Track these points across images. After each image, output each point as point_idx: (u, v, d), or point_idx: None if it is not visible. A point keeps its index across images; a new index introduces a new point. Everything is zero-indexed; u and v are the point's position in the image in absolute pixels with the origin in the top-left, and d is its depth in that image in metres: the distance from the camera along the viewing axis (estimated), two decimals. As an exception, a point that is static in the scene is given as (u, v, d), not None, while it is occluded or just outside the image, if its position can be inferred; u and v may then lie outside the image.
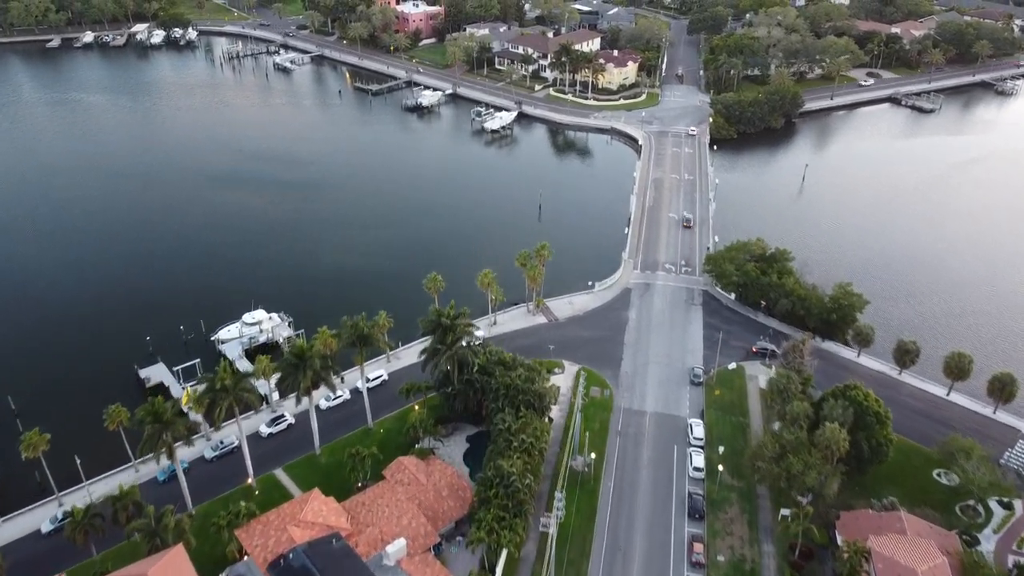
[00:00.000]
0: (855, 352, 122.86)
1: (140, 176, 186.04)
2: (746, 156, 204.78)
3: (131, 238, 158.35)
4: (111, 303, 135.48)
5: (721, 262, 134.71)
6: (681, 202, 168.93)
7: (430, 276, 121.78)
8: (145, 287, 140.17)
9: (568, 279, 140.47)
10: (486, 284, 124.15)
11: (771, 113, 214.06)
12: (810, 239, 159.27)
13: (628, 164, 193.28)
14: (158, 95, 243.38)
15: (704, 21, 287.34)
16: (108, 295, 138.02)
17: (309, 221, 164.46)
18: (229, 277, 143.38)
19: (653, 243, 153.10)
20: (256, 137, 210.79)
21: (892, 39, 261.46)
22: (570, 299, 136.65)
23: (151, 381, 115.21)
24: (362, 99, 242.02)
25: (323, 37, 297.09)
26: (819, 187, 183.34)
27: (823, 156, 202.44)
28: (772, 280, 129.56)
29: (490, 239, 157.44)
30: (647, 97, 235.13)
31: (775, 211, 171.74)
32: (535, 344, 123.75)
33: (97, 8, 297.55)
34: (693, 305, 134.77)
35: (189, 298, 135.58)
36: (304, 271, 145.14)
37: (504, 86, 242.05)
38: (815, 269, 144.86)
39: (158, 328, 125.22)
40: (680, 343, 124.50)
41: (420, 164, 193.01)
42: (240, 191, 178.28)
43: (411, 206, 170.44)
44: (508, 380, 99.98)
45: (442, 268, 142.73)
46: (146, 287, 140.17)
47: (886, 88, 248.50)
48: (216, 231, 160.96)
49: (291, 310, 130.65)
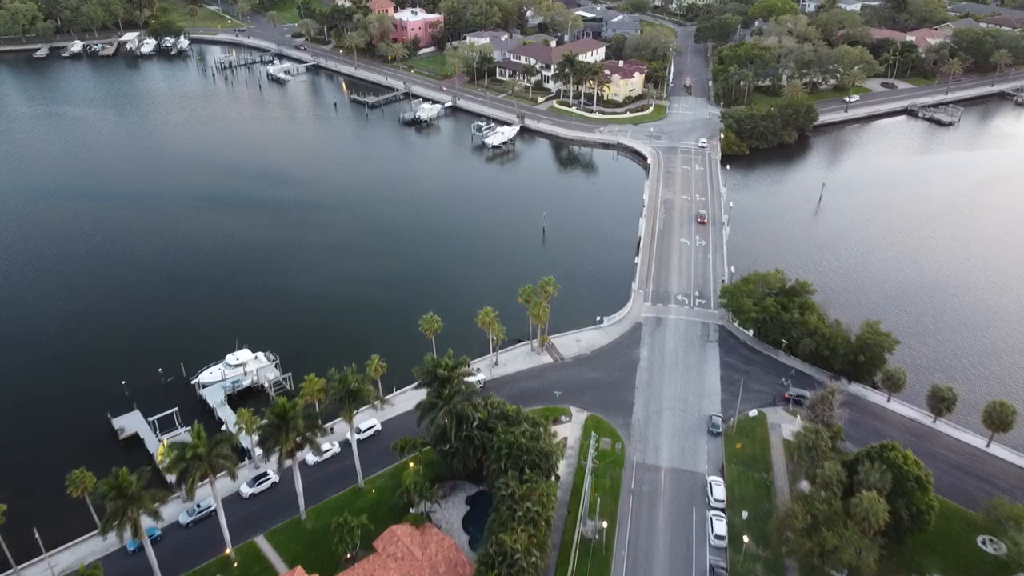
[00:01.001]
0: (885, 396, 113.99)
1: (120, 198, 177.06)
2: (759, 174, 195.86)
3: (107, 268, 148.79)
4: (83, 341, 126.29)
5: (738, 296, 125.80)
6: (693, 226, 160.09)
7: (426, 317, 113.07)
8: (121, 323, 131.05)
9: (575, 311, 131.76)
10: (487, 323, 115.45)
11: (784, 128, 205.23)
12: (830, 267, 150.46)
13: (636, 183, 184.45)
14: (146, 108, 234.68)
15: (712, 29, 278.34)
16: (80, 332, 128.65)
17: (299, 248, 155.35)
18: (213, 312, 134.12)
19: (664, 272, 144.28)
20: (246, 154, 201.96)
21: (907, 48, 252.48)
22: (577, 335, 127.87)
23: (125, 432, 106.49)
24: (358, 112, 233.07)
25: (319, 46, 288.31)
26: (837, 208, 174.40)
27: (840, 174, 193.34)
28: (793, 317, 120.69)
29: (491, 267, 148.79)
30: (654, 110, 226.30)
31: (791, 235, 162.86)
32: (540, 387, 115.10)
33: (86, 16, 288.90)
34: (709, 342, 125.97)
35: (169, 336, 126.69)
36: (293, 304, 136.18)
37: (506, 98, 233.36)
38: (837, 301, 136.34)
39: (134, 370, 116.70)
40: (696, 386, 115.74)
41: (418, 183, 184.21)
42: (227, 214, 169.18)
43: (408, 230, 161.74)
44: (511, 438, 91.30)
45: (440, 299, 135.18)
46: (122, 323, 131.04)
47: (902, 99, 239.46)
48: (199, 259, 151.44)
49: (279, 348, 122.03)
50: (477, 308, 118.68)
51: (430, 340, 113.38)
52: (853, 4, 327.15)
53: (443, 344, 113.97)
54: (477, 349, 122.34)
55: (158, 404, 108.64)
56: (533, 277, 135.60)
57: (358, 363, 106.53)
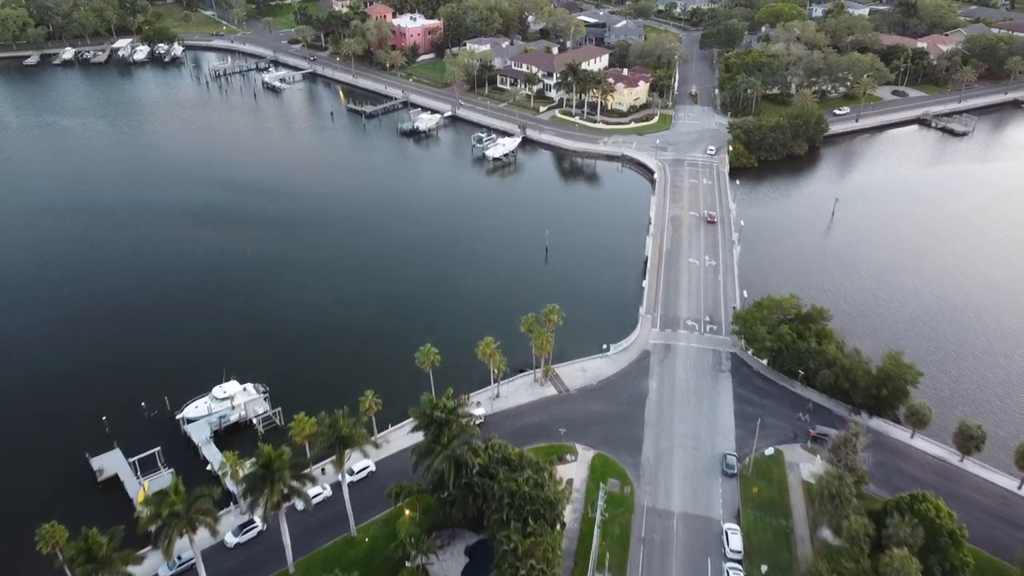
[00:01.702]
0: (908, 433, 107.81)
1: (103, 215, 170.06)
2: (768, 187, 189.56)
3: (86, 293, 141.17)
4: (61, 373, 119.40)
5: (751, 323, 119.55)
6: (702, 245, 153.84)
7: (423, 349, 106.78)
8: (102, 353, 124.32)
9: (580, 338, 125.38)
10: (488, 355, 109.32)
11: (794, 139, 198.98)
12: (845, 289, 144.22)
13: (642, 197, 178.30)
14: (136, 118, 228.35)
15: (718, 35, 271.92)
16: (58, 364, 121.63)
17: (291, 268, 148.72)
18: (199, 340, 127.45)
19: (673, 295, 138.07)
20: (239, 167, 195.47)
21: (918, 55, 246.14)
22: (583, 364, 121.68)
23: (104, 473, 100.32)
24: (355, 122, 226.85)
25: (315, 52, 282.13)
26: (850, 224, 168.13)
27: (852, 187, 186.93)
28: (810, 346, 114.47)
29: (492, 288, 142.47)
30: (659, 119, 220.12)
31: (804, 254, 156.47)
32: (544, 422, 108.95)
33: (78, 23, 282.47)
34: (721, 372, 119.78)
35: (153, 367, 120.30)
36: (284, 331, 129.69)
37: (507, 107, 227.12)
38: (853, 326, 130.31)
39: (115, 404, 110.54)
40: (708, 421, 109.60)
41: (416, 197, 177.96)
42: (216, 232, 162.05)
43: (405, 248, 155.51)
44: (514, 486, 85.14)
45: (439, 324, 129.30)
46: (103, 353, 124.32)
47: (914, 108, 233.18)
48: (185, 282, 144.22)
49: (268, 379, 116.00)
50: (477, 335, 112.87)
51: (427, 374, 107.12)
52: (861, 8, 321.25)
53: (441, 376, 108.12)
54: (477, 379, 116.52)
55: (140, 441, 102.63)
56: (536, 301, 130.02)
57: (351, 395, 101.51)
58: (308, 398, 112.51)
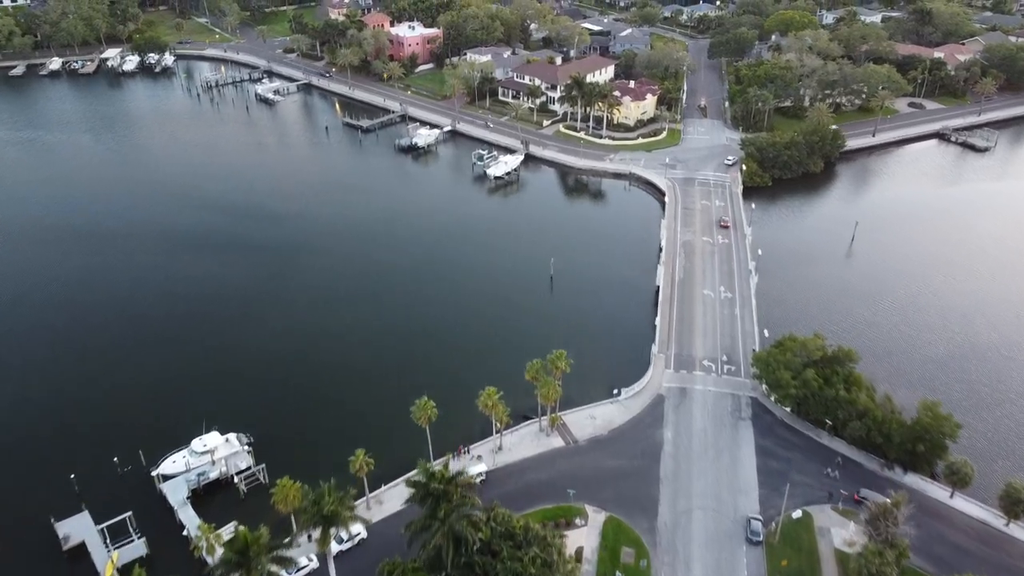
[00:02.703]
0: (947, 492, 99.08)
1: (78, 241, 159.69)
2: (783, 208, 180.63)
3: (54, 331, 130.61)
4: (25, 422, 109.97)
5: (773, 367, 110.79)
6: (717, 274, 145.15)
7: (419, 403, 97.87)
8: (71, 401, 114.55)
9: (588, 380, 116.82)
10: (490, 406, 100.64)
11: (810, 156, 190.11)
12: (868, 323, 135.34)
13: (651, 220, 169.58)
14: (122, 132, 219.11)
15: (727, 44, 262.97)
16: (22, 414, 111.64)
17: (277, 302, 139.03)
18: (178, 383, 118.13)
19: (687, 331, 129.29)
20: (227, 186, 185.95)
21: (936, 65, 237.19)
22: (592, 411, 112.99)
23: (70, 541, 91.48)
24: (352, 137, 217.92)
25: (311, 62, 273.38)
26: (871, 249, 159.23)
27: (872, 209, 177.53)
28: (839, 394, 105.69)
29: (495, 322, 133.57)
30: (668, 134, 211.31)
31: (823, 283, 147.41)
32: (551, 480, 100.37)
33: (66, 32, 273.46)
34: (741, 420, 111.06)
35: (127, 414, 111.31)
36: (270, 372, 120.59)
37: (509, 121, 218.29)
38: (880, 367, 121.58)
39: (85, 458, 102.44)
40: (729, 478, 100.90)
41: (413, 221, 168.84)
42: (200, 260, 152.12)
43: (401, 279, 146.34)
44: (519, 567, 76.89)
45: (436, 366, 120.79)
46: (72, 401, 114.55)
47: (932, 121, 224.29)
48: (165, 318, 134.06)
49: (253, 427, 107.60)
50: (478, 377, 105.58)
51: (423, 429, 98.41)
52: (872, 15, 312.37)
53: (439, 430, 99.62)
54: (478, 427, 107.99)
55: (111, 502, 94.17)
56: (541, 338, 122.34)
57: (340, 449, 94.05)
58: (294, 451, 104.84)
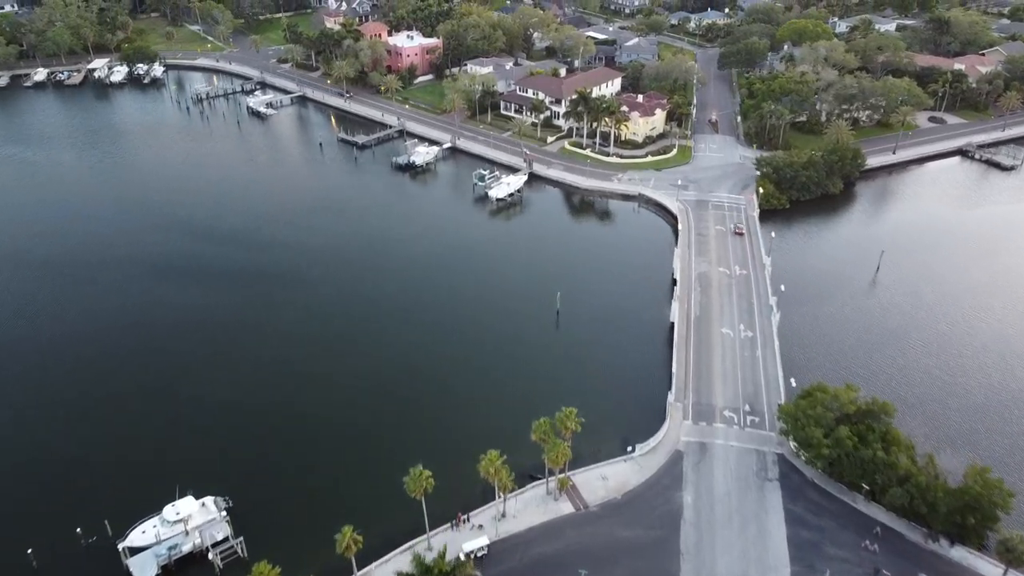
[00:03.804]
0: (1000, 569, 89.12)
1: (48, 272, 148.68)
2: (802, 234, 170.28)
3: (10, 379, 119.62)
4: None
5: (802, 422, 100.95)
6: (736, 311, 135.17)
7: (414, 473, 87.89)
8: (29, 463, 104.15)
9: (599, 433, 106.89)
10: (493, 473, 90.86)
11: (829, 176, 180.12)
12: (899, 367, 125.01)
13: (663, 247, 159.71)
14: (106, 148, 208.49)
15: (738, 54, 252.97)
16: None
17: (262, 343, 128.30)
18: (150, 442, 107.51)
19: (706, 376, 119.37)
20: (212, 209, 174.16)
21: (957, 77, 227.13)
22: (603, 471, 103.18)
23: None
24: (347, 154, 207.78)
25: (306, 73, 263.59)
26: (897, 280, 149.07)
27: (896, 234, 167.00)
28: (877, 455, 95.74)
29: (496, 367, 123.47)
30: (678, 152, 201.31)
31: (849, 320, 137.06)
32: (560, 555, 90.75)
33: (52, 41, 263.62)
34: (768, 481, 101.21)
35: (92, 477, 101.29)
36: (250, 428, 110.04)
37: (511, 136, 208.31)
38: (913, 416, 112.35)
39: (44, 529, 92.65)
40: (757, 552, 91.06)
41: (408, 248, 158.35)
42: (178, 293, 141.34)
43: (394, 316, 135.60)
44: None
45: (432, 421, 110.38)
46: (30, 463, 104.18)
47: (954, 137, 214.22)
48: (136, 364, 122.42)
49: (230, 490, 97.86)
50: (479, 434, 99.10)
51: (419, 501, 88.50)
52: (886, 24, 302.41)
53: (436, 494, 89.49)
54: (479, 491, 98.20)
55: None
56: (547, 384, 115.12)
57: (326, 518, 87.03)
58: (276, 519, 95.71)
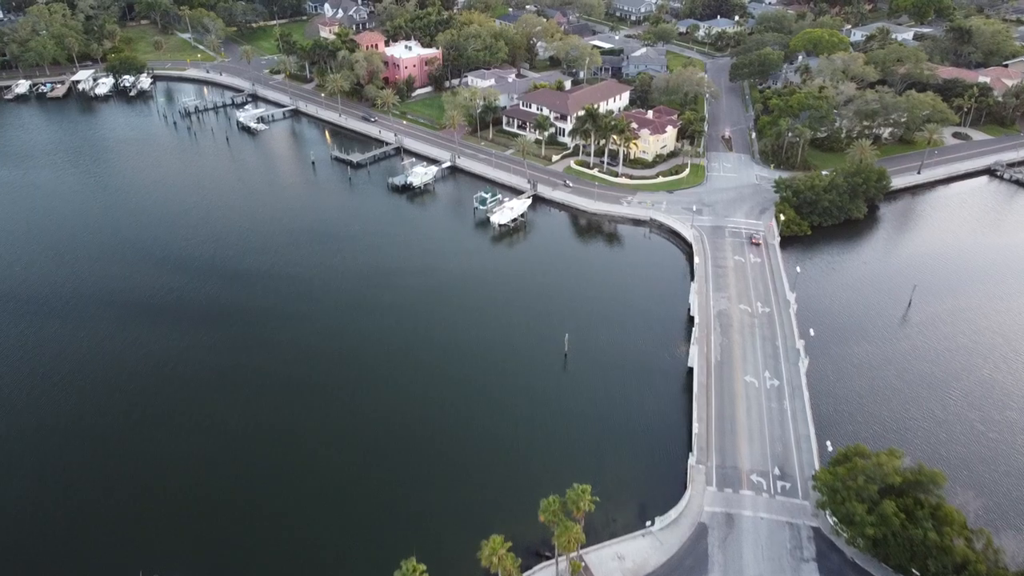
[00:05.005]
0: (1074, 676, 78.45)
1: (9, 305, 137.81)
2: (825, 264, 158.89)
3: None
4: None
5: (842, 495, 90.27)
6: (760, 355, 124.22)
7: (406, 568, 77.31)
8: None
9: (614, 500, 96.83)
10: (496, 562, 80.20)
11: (852, 200, 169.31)
12: (939, 421, 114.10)
13: (677, 278, 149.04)
14: (86, 167, 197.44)
15: (751, 66, 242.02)
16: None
17: (235, 392, 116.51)
18: (108, 519, 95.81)
19: (730, 433, 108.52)
20: (194, 237, 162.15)
21: (983, 91, 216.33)
22: (619, 548, 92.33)
23: None
24: (341, 173, 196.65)
25: (299, 85, 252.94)
26: (933, 320, 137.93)
27: (926, 265, 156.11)
28: (928, 535, 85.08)
29: (498, 424, 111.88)
30: (691, 172, 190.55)
31: (882, 367, 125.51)
32: (572, 656, 79.86)
33: (35, 52, 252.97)
34: (804, 562, 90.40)
35: (36, 566, 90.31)
36: (219, 508, 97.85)
37: (514, 154, 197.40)
38: (959, 480, 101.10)
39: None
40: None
41: (403, 280, 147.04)
42: (150, 335, 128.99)
43: (385, 360, 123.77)
44: None
45: (425, 493, 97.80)
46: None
47: (981, 155, 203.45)
48: (95, 428, 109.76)
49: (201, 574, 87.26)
50: (479, 509, 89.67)
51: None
52: (903, 33, 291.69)
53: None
54: (480, 574, 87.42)
55: None
56: (555, 445, 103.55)
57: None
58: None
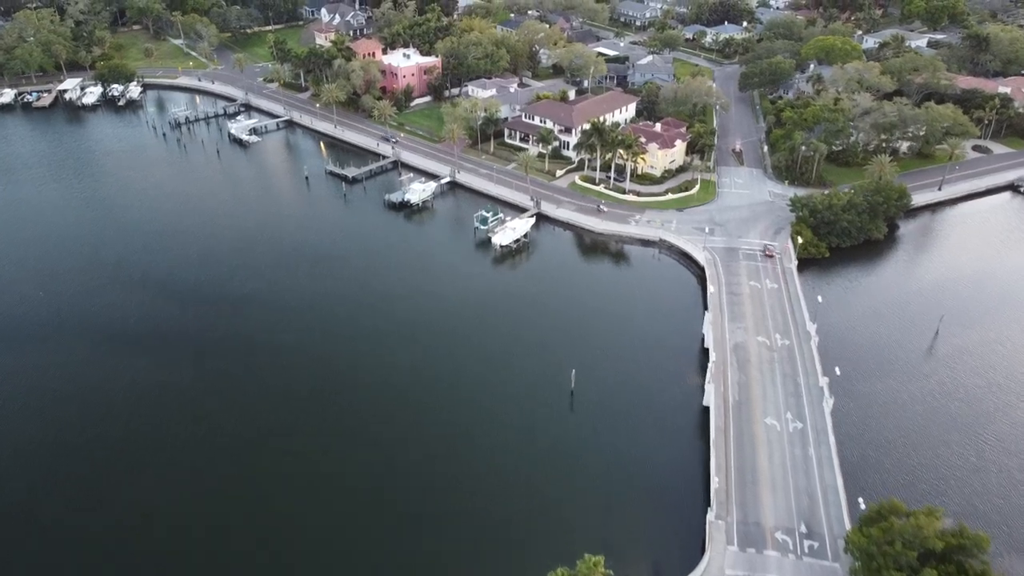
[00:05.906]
0: None
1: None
2: (844, 288, 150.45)
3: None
4: None
5: (879, 561, 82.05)
6: (781, 394, 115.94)
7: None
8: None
9: (625, 559, 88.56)
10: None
11: (872, 220, 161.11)
12: (974, 468, 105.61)
13: (688, 304, 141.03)
14: (69, 182, 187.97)
15: (761, 75, 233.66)
16: None
17: (210, 439, 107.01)
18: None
19: (751, 484, 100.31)
20: (177, 259, 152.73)
21: (1004, 102, 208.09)
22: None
23: None
24: (335, 189, 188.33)
25: (294, 94, 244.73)
26: (961, 354, 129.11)
27: (951, 291, 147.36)
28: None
29: (499, 477, 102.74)
30: (701, 188, 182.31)
31: (910, 407, 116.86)
32: None
33: (21, 59, 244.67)
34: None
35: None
36: (206, 557, 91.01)
37: (517, 168, 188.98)
38: (999, 537, 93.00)
39: None
40: None
41: (399, 305, 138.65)
42: (127, 368, 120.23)
43: (375, 399, 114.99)
44: None
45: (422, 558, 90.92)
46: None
47: (1004, 170, 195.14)
48: (65, 465, 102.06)
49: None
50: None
51: None
52: (917, 40, 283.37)
53: None
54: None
55: None
56: (561, 506, 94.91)
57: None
58: None
